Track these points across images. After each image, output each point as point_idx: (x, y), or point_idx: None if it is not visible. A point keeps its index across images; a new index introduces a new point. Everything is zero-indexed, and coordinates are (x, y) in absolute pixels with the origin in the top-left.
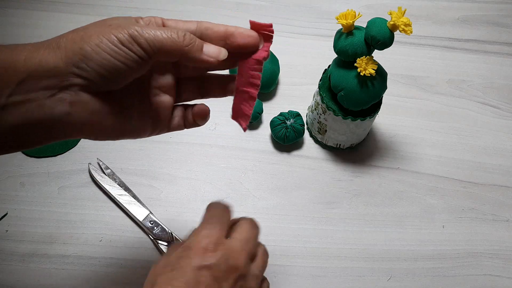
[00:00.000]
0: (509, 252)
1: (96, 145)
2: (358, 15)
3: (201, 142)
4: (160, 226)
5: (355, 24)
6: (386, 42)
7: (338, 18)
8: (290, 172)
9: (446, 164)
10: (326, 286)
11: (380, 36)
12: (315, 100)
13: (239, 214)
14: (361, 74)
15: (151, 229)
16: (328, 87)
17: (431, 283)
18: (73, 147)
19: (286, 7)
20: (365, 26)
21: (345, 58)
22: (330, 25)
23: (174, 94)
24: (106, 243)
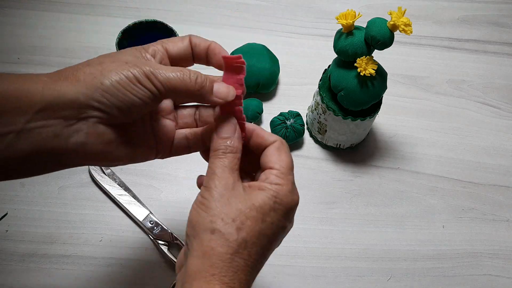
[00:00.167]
0: (509, 252)
1: None
2: (358, 15)
3: None
4: (160, 226)
5: (355, 24)
6: (386, 42)
7: (338, 18)
8: None
9: (446, 164)
10: (326, 286)
11: (380, 36)
12: (315, 100)
13: None
14: (361, 74)
15: (151, 229)
16: (328, 87)
17: (431, 283)
18: None
19: (286, 7)
20: (365, 26)
21: (345, 58)
22: (330, 25)
23: (174, 119)
24: (106, 243)
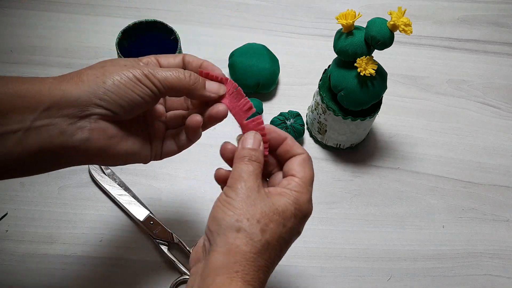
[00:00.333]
0: (509, 252)
1: None
2: (358, 15)
3: (201, 142)
4: (160, 226)
5: (355, 24)
6: (386, 42)
7: (338, 18)
8: None
9: (446, 164)
10: (326, 286)
11: (380, 36)
12: (315, 100)
13: None
14: (361, 74)
15: (151, 229)
16: (328, 87)
17: (431, 283)
18: None
19: (286, 7)
20: (365, 26)
21: (345, 58)
22: (330, 25)
23: (165, 122)
24: (106, 243)
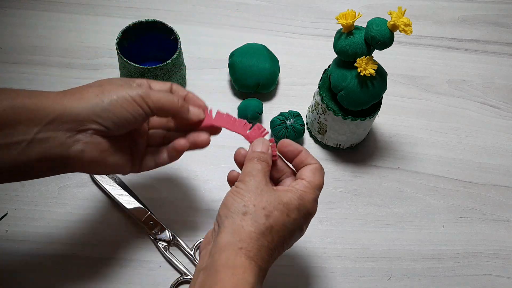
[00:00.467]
0: (509, 252)
1: None
2: (358, 15)
3: None
4: (160, 226)
5: (355, 24)
6: (386, 42)
7: (338, 18)
8: None
9: (446, 164)
10: (326, 286)
11: (380, 36)
12: (315, 100)
13: None
14: (361, 74)
15: (151, 229)
16: (328, 87)
17: (431, 283)
18: None
19: (286, 7)
20: (365, 26)
21: (345, 58)
22: (330, 25)
23: (146, 139)
24: (106, 243)
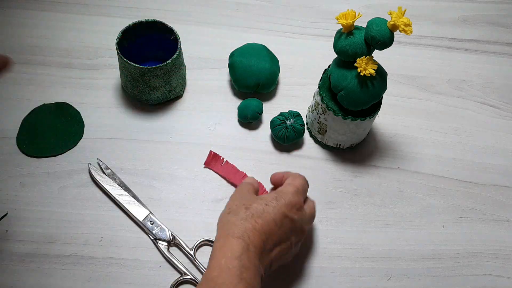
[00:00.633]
0: (509, 252)
1: (96, 145)
2: (358, 15)
3: (201, 142)
4: (160, 226)
5: (355, 24)
6: (386, 42)
7: (338, 18)
8: None
9: (446, 164)
10: (326, 286)
11: (380, 36)
12: (315, 100)
13: None
14: (361, 74)
15: (151, 229)
16: (328, 87)
17: (431, 283)
18: (73, 147)
19: (286, 7)
20: (365, 26)
21: (345, 58)
22: (330, 25)
23: None
24: (106, 243)
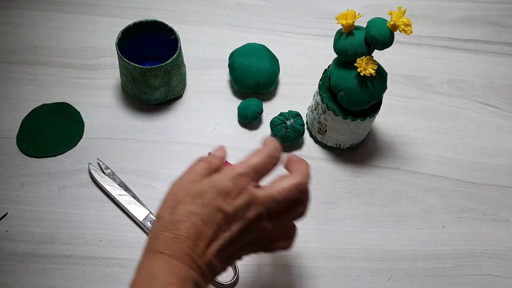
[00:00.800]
0: (509, 252)
1: (96, 145)
2: (358, 15)
3: (201, 142)
4: None
5: (355, 24)
6: (386, 42)
7: (338, 18)
8: None
9: (446, 164)
10: (326, 286)
11: (380, 36)
12: (315, 100)
13: None
14: (361, 74)
15: (151, 229)
16: (328, 87)
17: (431, 283)
18: (73, 147)
19: (286, 7)
20: (365, 26)
21: (345, 58)
22: (330, 25)
23: None
24: (106, 243)
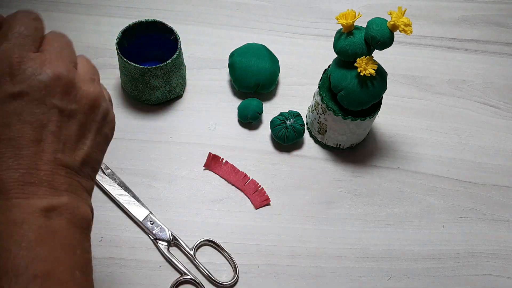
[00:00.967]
0: (509, 252)
1: None
2: (358, 15)
3: (201, 142)
4: (160, 226)
5: (355, 24)
6: (386, 42)
7: (338, 18)
8: (290, 172)
9: (446, 164)
10: (326, 286)
11: (380, 36)
12: (315, 100)
13: (239, 215)
14: (361, 74)
15: (151, 229)
16: (328, 87)
17: (431, 283)
18: None
19: (286, 7)
20: (365, 26)
21: (345, 58)
22: (330, 25)
23: None
24: (106, 243)
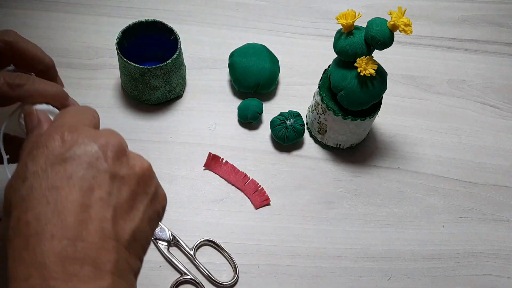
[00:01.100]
0: (509, 252)
1: None
2: (358, 15)
3: (201, 142)
4: (160, 226)
5: (355, 24)
6: (386, 42)
7: (338, 18)
8: (290, 172)
9: (446, 164)
10: (326, 286)
11: (380, 36)
12: (315, 100)
13: (239, 215)
14: (361, 74)
15: None
16: (328, 87)
17: (431, 283)
18: None
19: (286, 7)
20: (365, 26)
21: (345, 58)
22: (330, 25)
23: None
24: None
